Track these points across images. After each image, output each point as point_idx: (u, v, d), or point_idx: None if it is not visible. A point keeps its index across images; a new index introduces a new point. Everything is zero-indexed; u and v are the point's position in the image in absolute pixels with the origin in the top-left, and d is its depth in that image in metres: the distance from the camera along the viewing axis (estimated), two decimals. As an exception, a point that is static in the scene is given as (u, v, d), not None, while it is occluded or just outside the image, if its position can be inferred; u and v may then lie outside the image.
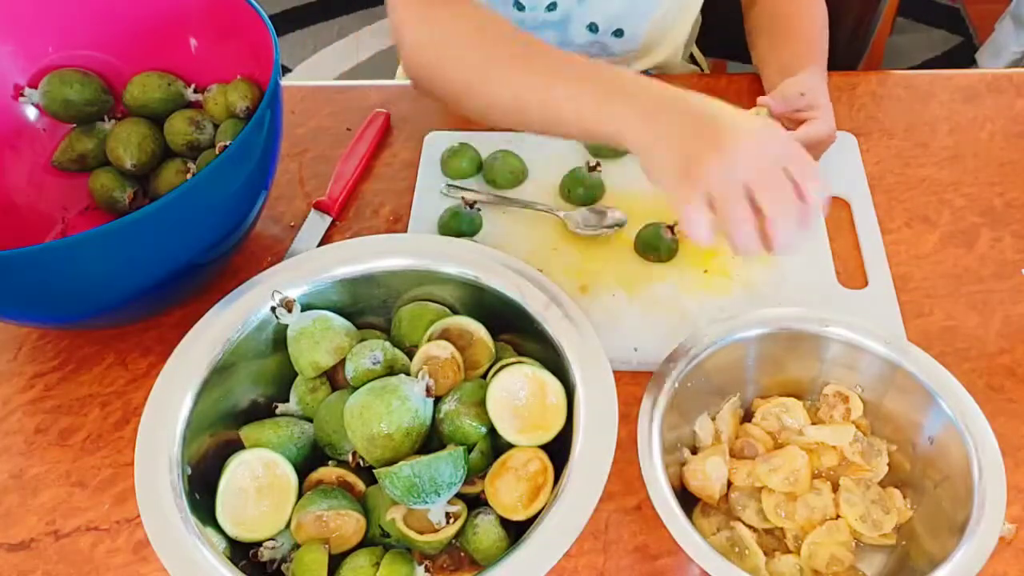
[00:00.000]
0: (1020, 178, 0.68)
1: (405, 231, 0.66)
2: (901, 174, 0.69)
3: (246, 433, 0.53)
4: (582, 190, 0.66)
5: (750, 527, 0.51)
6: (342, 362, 0.54)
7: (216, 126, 0.66)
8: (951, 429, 0.49)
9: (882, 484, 0.52)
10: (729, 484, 0.52)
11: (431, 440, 0.52)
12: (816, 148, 0.60)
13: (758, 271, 0.62)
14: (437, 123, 0.74)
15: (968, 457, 0.48)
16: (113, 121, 0.67)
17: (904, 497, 0.51)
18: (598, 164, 0.66)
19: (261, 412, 0.56)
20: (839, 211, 0.66)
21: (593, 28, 0.72)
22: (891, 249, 0.63)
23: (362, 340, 0.54)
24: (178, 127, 0.65)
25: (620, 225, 0.64)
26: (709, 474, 0.51)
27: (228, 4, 0.62)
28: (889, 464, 0.52)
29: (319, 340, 0.53)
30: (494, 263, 0.54)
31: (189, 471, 0.50)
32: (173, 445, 0.49)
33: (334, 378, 0.55)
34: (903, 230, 0.65)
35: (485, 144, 0.70)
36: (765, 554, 0.50)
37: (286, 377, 0.56)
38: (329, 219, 0.67)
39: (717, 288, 0.62)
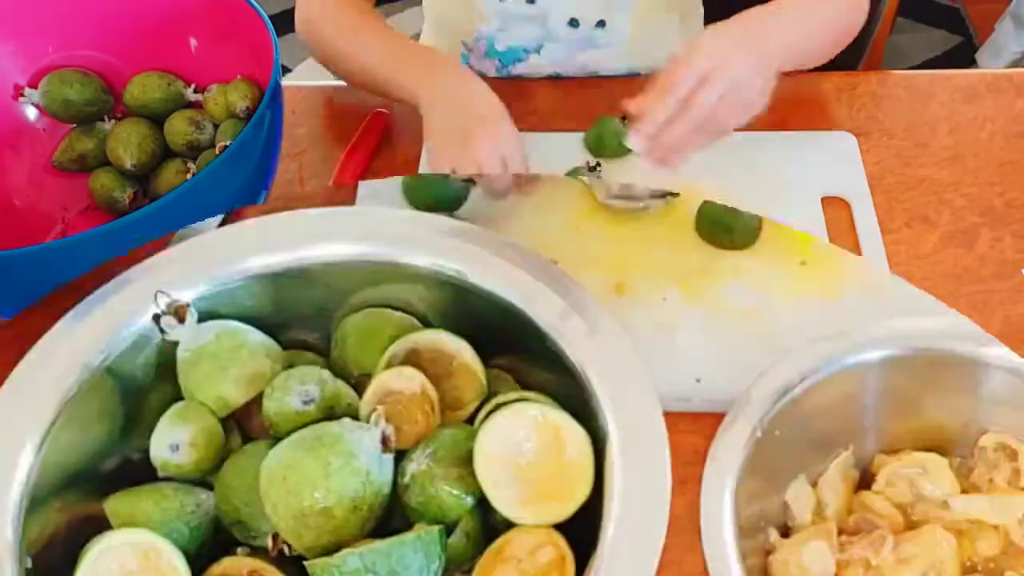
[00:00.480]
0: (1020, 178, 0.68)
1: (405, 231, 0.66)
2: (901, 174, 0.68)
3: (114, 506, 0.37)
4: (582, 190, 0.64)
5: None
6: (258, 399, 0.38)
7: (216, 126, 0.65)
8: None
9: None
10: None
11: (391, 517, 0.38)
12: (732, 95, 0.49)
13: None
14: (437, 123, 0.73)
15: None
16: (113, 121, 0.66)
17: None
18: (598, 164, 0.65)
19: (137, 474, 0.39)
20: (839, 211, 0.66)
21: (574, 23, 0.72)
22: (891, 249, 0.63)
23: (289, 367, 0.39)
24: (178, 127, 0.64)
25: (673, 195, 0.49)
26: (808, 567, 0.36)
27: (228, 4, 0.62)
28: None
29: (225, 365, 0.38)
30: (486, 251, 0.40)
31: (29, 563, 0.34)
32: (3, 525, 0.34)
33: (246, 423, 0.40)
34: (903, 230, 0.65)
35: (485, 144, 0.68)
36: None
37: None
38: (329, 219, 0.67)
39: (819, 288, 0.48)
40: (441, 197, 0.54)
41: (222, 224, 0.51)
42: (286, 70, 1.58)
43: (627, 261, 0.48)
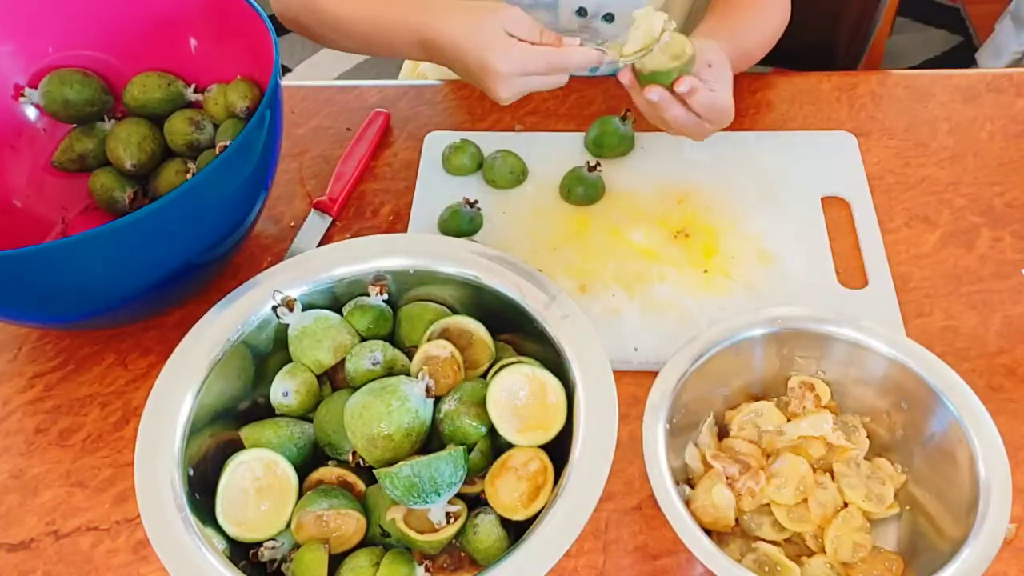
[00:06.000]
0: (1020, 178, 1.37)
1: (405, 231, 1.36)
2: (901, 174, 1.39)
3: (246, 433, 1.04)
4: (582, 189, 1.38)
5: (772, 542, 0.99)
6: (342, 362, 1.07)
7: (216, 126, 1.34)
8: (955, 427, 0.98)
9: (867, 458, 1.04)
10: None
11: (431, 440, 1.03)
12: (719, 118, 1.24)
13: (759, 271, 1.31)
14: (437, 123, 1.48)
15: (973, 457, 0.96)
16: (113, 121, 1.36)
17: (892, 463, 1.04)
18: (598, 164, 1.37)
19: (261, 412, 1.09)
20: (839, 211, 1.35)
21: (582, 12, 1.43)
22: (891, 249, 1.30)
23: (363, 340, 1.11)
24: (178, 127, 1.33)
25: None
26: (719, 505, 0.99)
27: (228, 4, 1.27)
28: (868, 436, 1.05)
29: (321, 339, 1.08)
30: (494, 263, 1.10)
31: (191, 471, 0.97)
32: (173, 445, 0.97)
33: (334, 378, 1.10)
34: (903, 230, 1.33)
35: (485, 143, 1.43)
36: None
37: (286, 377, 1.10)
38: (329, 219, 1.38)
39: (717, 288, 1.30)
40: (463, 227, 1.37)
41: (319, 245, 1.28)
42: (286, 70, 2.62)
43: (588, 270, 1.33)
